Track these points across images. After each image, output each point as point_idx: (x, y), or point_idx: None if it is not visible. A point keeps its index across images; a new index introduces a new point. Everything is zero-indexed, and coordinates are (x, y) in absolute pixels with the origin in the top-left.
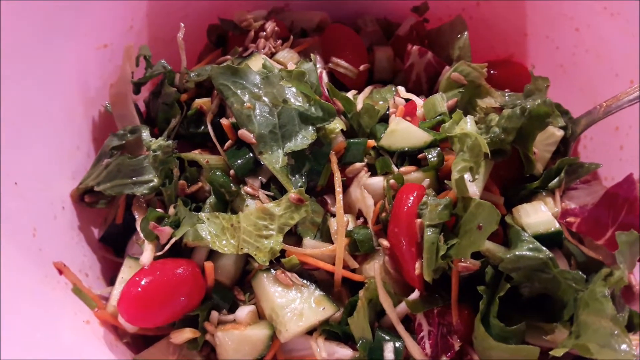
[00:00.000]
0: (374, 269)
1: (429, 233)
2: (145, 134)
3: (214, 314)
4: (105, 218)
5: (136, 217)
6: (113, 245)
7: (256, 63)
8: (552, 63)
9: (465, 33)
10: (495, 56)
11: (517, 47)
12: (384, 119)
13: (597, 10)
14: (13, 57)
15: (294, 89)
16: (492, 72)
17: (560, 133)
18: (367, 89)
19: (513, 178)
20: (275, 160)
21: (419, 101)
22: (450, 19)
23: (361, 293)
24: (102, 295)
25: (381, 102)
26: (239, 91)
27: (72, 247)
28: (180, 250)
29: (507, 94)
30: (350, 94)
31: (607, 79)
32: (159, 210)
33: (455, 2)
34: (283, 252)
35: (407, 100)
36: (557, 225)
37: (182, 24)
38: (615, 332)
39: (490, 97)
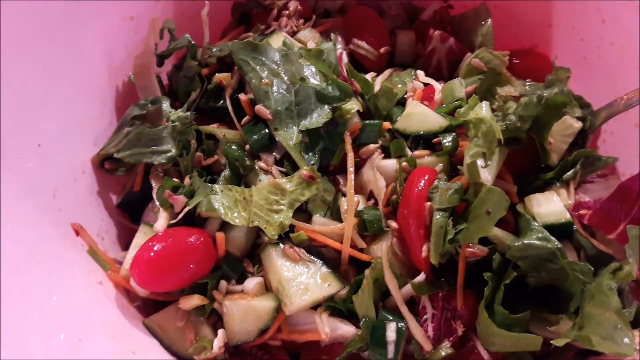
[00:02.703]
0: (382, 249)
1: (437, 217)
2: (166, 105)
3: (223, 284)
4: (124, 185)
5: (153, 185)
6: (130, 212)
7: (277, 41)
8: (575, 55)
9: (489, 20)
10: (519, 45)
11: (541, 38)
12: (402, 102)
13: (624, 1)
14: (41, 24)
15: (312, 68)
16: (515, 61)
17: (578, 125)
18: (387, 72)
19: (528, 168)
20: (289, 137)
21: (437, 86)
22: (475, 6)
23: (367, 272)
24: (117, 259)
25: (400, 86)
26: (258, 67)
27: (90, 210)
28: (194, 220)
29: (527, 83)
30: (368, 76)
31: (630, 72)
32: (175, 180)
33: None
34: (292, 228)
35: (425, 84)
36: (568, 216)
37: (207, 1)
38: (619, 326)
39: (511, 85)
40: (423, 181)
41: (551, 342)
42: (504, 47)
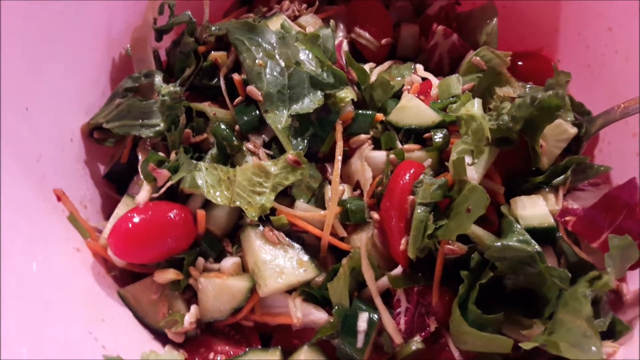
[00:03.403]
0: (361, 239)
1: (419, 211)
2: (158, 79)
3: (200, 261)
4: (112, 156)
5: (140, 158)
6: (116, 183)
7: (276, 23)
8: (580, 61)
9: (495, 19)
10: (525, 47)
11: (547, 41)
12: (398, 95)
13: (633, 11)
14: None
15: (309, 53)
16: (519, 63)
17: (573, 130)
18: (386, 64)
19: (519, 170)
20: (279, 120)
21: (435, 81)
22: (483, 4)
23: (344, 261)
24: (98, 228)
25: (398, 78)
26: (253, 48)
27: (76, 178)
28: (177, 196)
29: (528, 86)
30: (367, 66)
31: (633, 82)
32: (160, 154)
33: None
34: (274, 211)
35: (424, 79)
36: (552, 221)
37: None
38: (588, 334)
39: (510, 86)
40: (408, 174)
41: (519, 344)
42: (509, 47)
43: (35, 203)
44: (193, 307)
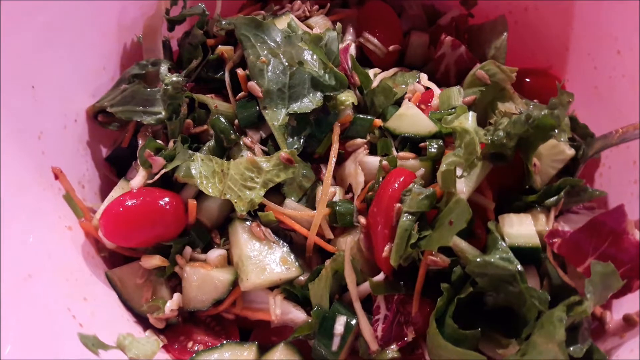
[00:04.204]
0: (346, 242)
1: (404, 219)
2: (164, 68)
3: (188, 250)
4: (115, 140)
5: (139, 144)
6: (117, 167)
7: (284, 22)
8: (587, 82)
9: (505, 34)
10: (535, 64)
11: (557, 60)
12: (400, 103)
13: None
14: None
15: (313, 54)
16: (526, 79)
17: (571, 152)
18: (392, 70)
19: (512, 187)
20: (276, 117)
21: (437, 91)
22: (495, 18)
23: (328, 263)
24: (93, 208)
25: (403, 86)
26: (258, 44)
27: (76, 158)
28: (171, 185)
29: (532, 103)
30: (372, 71)
31: (635, 107)
32: (158, 141)
33: (503, 3)
34: (264, 207)
35: (427, 88)
36: (537, 241)
37: None
38: (559, 358)
39: (512, 102)
40: (398, 182)
41: None
42: (519, 63)
43: (32, 178)
44: (176, 295)
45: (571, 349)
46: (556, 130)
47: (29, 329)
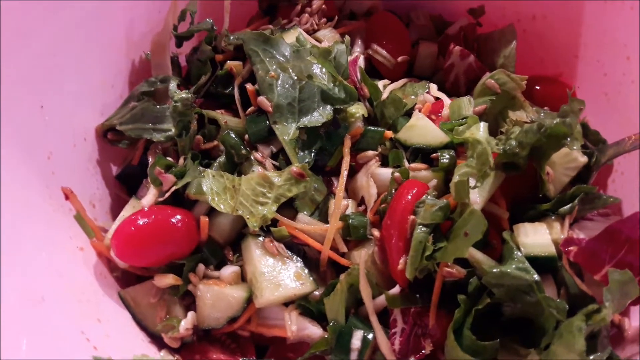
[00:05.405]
0: (361, 256)
1: (418, 231)
2: (173, 84)
3: (201, 267)
4: (125, 158)
5: (150, 161)
6: (127, 185)
7: (292, 36)
8: (597, 89)
9: (514, 42)
10: (544, 72)
11: (566, 67)
12: (410, 113)
13: None
14: None
15: (322, 67)
16: (536, 87)
17: (583, 159)
18: (401, 81)
19: (526, 196)
20: (287, 132)
21: (447, 101)
22: (504, 27)
23: (342, 277)
24: (105, 228)
25: (412, 97)
26: (267, 59)
27: (86, 177)
28: (182, 202)
29: (543, 111)
30: (381, 83)
31: None
32: (168, 159)
33: (511, 12)
34: (277, 222)
35: (437, 98)
36: (553, 250)
37: None
38: None
39: (523, 110)
40: (411, 194)
41: None
42: (528, 71)
43: (42, 199)
44: (190, 314)
45: (591, 357)
46: (569, 139)
47: (43, 354)
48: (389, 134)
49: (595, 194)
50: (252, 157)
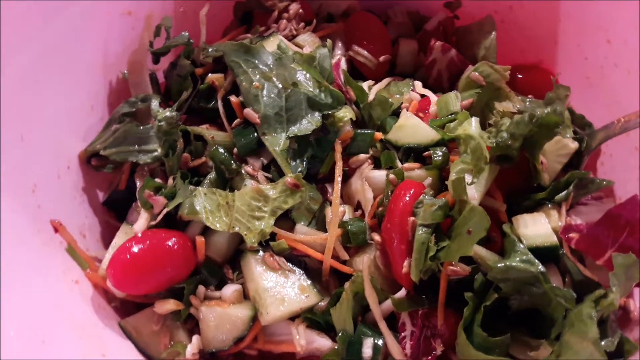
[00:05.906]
0: (363, 262)
1: (420, 232)
2: (155, 103)
3: (201, 289)
4: (111, 183)
5: (137, 184)
6: (116, 210)
7: (272, 44)
8: (579, 73)
9: (493, 33)
10: (525, 60)
11: (547, 54)
12: (397, 113)
13: (633, 24)
14: (39, 11)
15: (306, 74)
16: (518, 76)
17: (574, 145)
18: (385, 81)
19: (520, 187)
20: (277, 142)
21: (433, 98)
22: (481, 18)
23: (347, 285)
24: (97, 257)
25: (397, 96)
26: (250, 70)
27: (73, 207)
28: (176, 223)
29: (528, 100)
30: (365, 84)
31: (633, 96)
32: (157, 180)
33: (488, 3)
34: (274, 236)
35: (422, 96)
36: (555, 239)
37: (208, 0)
38: (595, 356)
39: (509, 101)
40: (408, 195)
41: None
42: (509, 61)
43: (31, 234)
44: (195, 338)
45: (602, 343)
46: (560, 127)
47: None
48: (379, 135)
49: (589, 179)
50: (243, 171)
